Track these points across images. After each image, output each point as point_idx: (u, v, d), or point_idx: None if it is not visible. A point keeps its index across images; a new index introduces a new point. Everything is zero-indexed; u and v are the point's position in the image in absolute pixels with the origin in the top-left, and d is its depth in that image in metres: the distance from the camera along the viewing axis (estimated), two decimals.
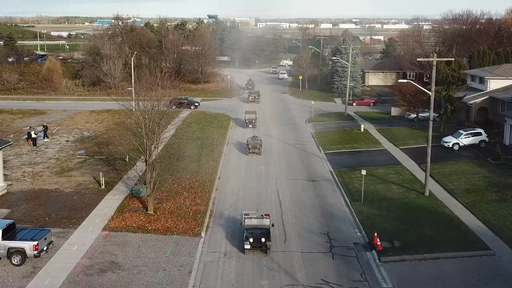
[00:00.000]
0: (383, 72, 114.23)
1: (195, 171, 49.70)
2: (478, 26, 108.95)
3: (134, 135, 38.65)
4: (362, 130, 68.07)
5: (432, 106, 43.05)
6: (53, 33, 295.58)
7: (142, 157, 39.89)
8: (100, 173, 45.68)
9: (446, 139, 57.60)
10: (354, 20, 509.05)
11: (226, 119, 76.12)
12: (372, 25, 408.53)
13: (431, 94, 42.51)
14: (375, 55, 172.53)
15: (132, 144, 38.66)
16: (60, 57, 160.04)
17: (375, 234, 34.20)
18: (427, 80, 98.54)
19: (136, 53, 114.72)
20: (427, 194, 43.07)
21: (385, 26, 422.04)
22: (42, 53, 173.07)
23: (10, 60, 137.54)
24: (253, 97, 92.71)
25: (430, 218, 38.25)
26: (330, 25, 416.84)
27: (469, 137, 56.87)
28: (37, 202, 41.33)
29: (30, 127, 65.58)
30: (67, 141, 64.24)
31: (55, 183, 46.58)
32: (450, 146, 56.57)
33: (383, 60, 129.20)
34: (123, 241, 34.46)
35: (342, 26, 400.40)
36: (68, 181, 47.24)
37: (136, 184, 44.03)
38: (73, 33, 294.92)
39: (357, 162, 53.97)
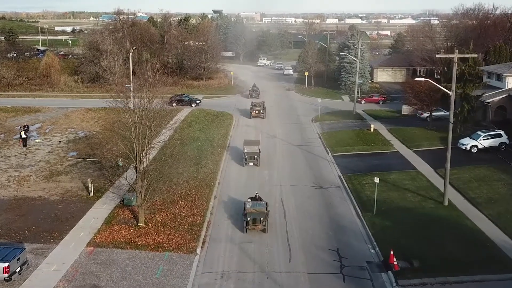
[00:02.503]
0: (392, 68, 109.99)
1: (193, 176, 46.00)
2: (487, 21, 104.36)
3: (123, 139, 34.90)
4: (372, 130, 64.12)
5: (452, 106, 39.13)
6: (57, 28, 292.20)
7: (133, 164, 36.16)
8: (89, 179, 41.99)
9: (464, 141, 53.64)
10: (360, 15, 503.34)
11: (228, 118, 72.32)
12: (378, 20, 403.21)
13: (451, 93, 38.57)
14: (382, 51, 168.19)
15: (121, 150, 34.89)
16: (61, 52, 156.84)
17: (391, 252, 30.40)
18: (438, 77, 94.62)
19: (135, 48, 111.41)
20: (446, 203, 39.20)
21: (391, 21, 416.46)
22: (43, 48, 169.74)
23: (10, 55, 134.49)
24: (256, 111, 72.68)
25: (451, 232, 34.40)
26: (336, 20, 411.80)
27: (488, 138, 52.87)
28: (18, 212, 37.76)
29: (21, 127, 62.13)
30: (59, 141, 60.74)
31: (41, 189, 43.00)
32: (468, 148, 52.62)
33: (392, 55, 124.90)
34: (108, 259, 30.82)
35: (348, 21, 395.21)
36: (55, 187, 43.64)
37: (128, 191, 40.30)
38: (77, 28, 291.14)
39: (368, 166, 50.12)
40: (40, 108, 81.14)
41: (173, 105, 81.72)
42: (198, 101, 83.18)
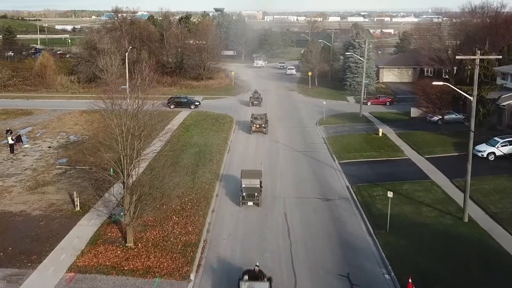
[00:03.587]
0: (398, 68, 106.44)
1: (189, 187, 42.52)
2: (498, 19, 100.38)
3: (109, 149, 31.44)
4: (380, 134, 60.59)
5: (474, 113, 35.68)
6: (58, 27, 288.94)
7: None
8: (74, 193, 38.48)
9: (480, 147, 50.09)
10: (362, 13, 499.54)
11: (229, 121, 68.80)
12: (381, 18, 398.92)
13: (473, 98, 35.03)
14: (387, 49, 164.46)
15: (106, 162, 31.40)
16: (59, 51, 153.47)
17: (409, 280, 26.89)
18: (446, 77, 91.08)
19: (133, 48, 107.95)
20: (466, 219, 35.67)
21: (394, 19, 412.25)
22: (41, 47, 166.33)
23: (7, 54, 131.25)
24: (257, 126, 61.79)
25: (475, 254, 30.88)
26: (338, 18, 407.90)
27: (506, 145, 49.35)
28: None
29: (6, 132, 58.76)
30: (49, 147, 57.30)
31: (23, 202, 39.52)
32: (485, 156, 49.12)
33: (398, 55, 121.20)
34: (91, 287, 27.35)
35: (350, 19, 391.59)
36: (39, 199, 40.17)
37: (117, 206, 36.78)
38: (78, 26, 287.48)
39: (378, 175, 46.57)
40: (32, 111, 77.75)
41: (171, 107, 78.41)
42: (197, 103, 79.70)
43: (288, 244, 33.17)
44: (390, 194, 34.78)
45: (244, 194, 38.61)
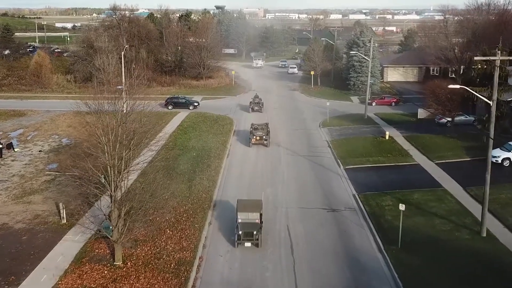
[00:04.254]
0: (403, 67, 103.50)
1: (184, 196, 39.80)
2: (494, 18, 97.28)
3: (95, 159, 28.70)
4: (387, 137, 57.78)
5: (493, 118, 32.91)
6: (58, 25, 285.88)
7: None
8: (61, 204, 35.74)
9: (494, 152, 46.96)
10: (364, 11, 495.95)
11: (228, 123, 66.02)
12: (382, 15, 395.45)
13: (492, 103, 32.28)
14: (390, 48, 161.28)
15: (90, 174, 28.63)
16: (58, 50, 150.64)
17: None
18: (453, 76, 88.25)
19: (131, 46, 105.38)
20: (484, 234, 32.92)
21: (395, 17, 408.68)
22: (39, 45, 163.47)
23: (5, 53, 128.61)
24: (258, 138, 55.01)
25: (496, 275, 28.16)
26: (340, 16, 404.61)
27: None
28: None
29: None
30: (40, 151, 54.66)
31: (6, 213, 36.82)
32: (499, 161, 46.31)
33: (403, 53, 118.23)
34: None
35: (352, 16, 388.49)
36: (24, 210, 37.49)
37: (106, 219, 33.95)
38: (78, 24, 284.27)
39: (386, 182, 43.77)
40: (25, 112, 75.11)
41: (169, 107, 75.77)
42: (196, 104, 76.95)
43: (291, 262, 30.43)
44: (402, 207, 31.98)
45: (240, 232, 31.42)
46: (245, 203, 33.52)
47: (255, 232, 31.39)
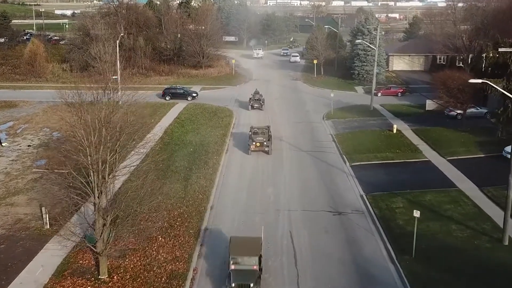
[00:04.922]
0: (409, 55, 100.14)
1: (179, 197, 37.01)
2: (502, 4, 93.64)
3: (76, 163, 25.87)
4: (394, 131, 54.83)
5: None
6: (57, 12, 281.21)
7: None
8: (43, 208, 32.94)
9: (509, 148, 44.18)
10: None
11: (228, 115, 63.04)
12: (385, 2, 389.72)
13: None
14: (394, 35, 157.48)
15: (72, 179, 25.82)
16: (55, 38, 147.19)
17: None
18: (461, 65, 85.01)
19: (129, 34, 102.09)
20: (506, 242, 30.09)
21: (398, 4, 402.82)
22: (34, 32, 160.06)
23: (1, 41, 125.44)
24: (258, 144, 47.94)
25: None
26: (342, 3, 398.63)
27: None
28: None
29: None
30: (28, 146, 51.84)
31: None
32: None
33: (409, 41, 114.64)
34: None
35: (354, 3, 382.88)
36: (5, 213, 34.73)
37: (89, 228, 31.06)
38: (78, 11, 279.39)
39: (395, 181, 40.88)
40: (17, 103, 72.26)
41: (167, 98, 72.84)
42: (194, 94, 73.91)
43: (295, 274, 27.64)
44: (416, 214, 29.07)
45: (233, 285, 24.56)
46: (240, 243, 26.41)
47: (252, 285, 24.60)
